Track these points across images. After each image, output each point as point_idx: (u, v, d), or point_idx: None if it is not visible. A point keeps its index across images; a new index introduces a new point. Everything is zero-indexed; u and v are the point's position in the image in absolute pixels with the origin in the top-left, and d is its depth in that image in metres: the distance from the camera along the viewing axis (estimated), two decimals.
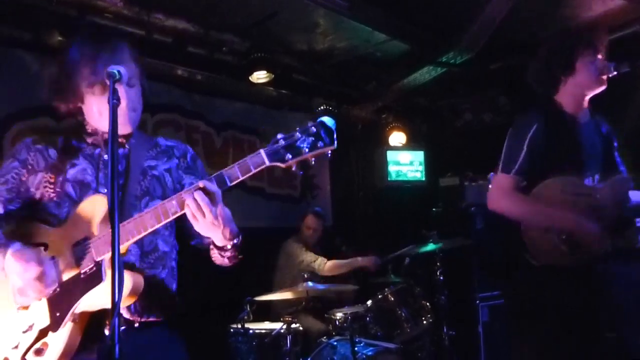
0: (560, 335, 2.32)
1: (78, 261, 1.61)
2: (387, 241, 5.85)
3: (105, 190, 1.71)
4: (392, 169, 6.12)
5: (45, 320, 1.58)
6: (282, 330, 3.51)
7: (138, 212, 1.69)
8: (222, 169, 1.59)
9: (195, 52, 4.69)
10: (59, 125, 4.14)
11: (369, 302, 3.92)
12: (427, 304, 4.01)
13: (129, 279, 1.57)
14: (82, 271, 1.59)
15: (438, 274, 4.26)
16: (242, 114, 5.56)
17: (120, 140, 1.79)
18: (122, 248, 1.59)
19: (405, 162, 6.18)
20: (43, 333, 1.57)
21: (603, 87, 2.53)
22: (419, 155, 6.24)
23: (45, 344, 1.55)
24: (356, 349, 3.41)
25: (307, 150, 1.52)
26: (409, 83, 5.48)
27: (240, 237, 1.78)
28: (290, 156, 1.52)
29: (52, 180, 1.73)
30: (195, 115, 5.16)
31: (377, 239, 6.09)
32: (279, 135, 1.55)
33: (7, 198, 1.74)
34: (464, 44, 4.74)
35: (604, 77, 2.50)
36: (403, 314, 3.88)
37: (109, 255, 1.53)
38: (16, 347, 1.58)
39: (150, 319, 1.75)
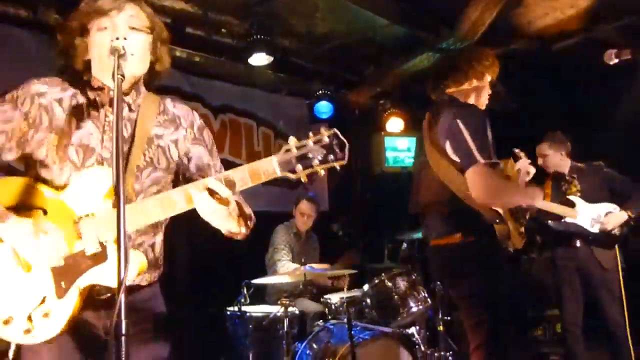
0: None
1: (82, 237, 1.57)
2: (384, 227, 5.88)
3: (108, 155, 1.67)
4: (389, 155, 6.11)
5: (49, 286, 1.57)
6: (278, 314, 3.52)
7: (139, 183, 1.67)
8: (228, 170, 1.57)
9: (193, 34, 4.65)
10: None
11: (366, 287, 3.93)
12: (424, 289, 4.03)
13: (136, 259, 1.57)
14: (87, 250, 1.57)
15: None
16: (240, 97, 5.54)
17: (126, 99, 1.74)
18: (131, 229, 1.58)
19: (402, 148, 6.18)
20: (49, 297, 1.56)
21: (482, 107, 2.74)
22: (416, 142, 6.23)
23: (51, 309, 1.55)
24: (353, 332, 3.42)
25: (318, 162, 1.51)
26: (408, 69, 5.46)
27: (252, 220, 1.79)
28: (300, 167, 1.51)
29: (55, 143, 1.65)
30: (193, 97, 5.13)
31: (374, 225, 6.11)
32: (291, 143, 1.52)
33: (4, 146, 1.65)
34: (464, 30, 4.72)
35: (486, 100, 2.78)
36: (399, 299, 3.89)
37: (112, 236, 1.53)
38: (21, 306, 1.56)
39: (141, 284, 1.74)
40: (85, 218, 1.57)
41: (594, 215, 4.00)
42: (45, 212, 1.60)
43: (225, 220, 1.61)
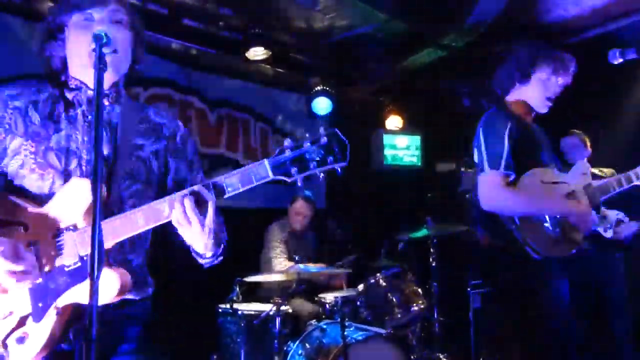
0: (559, 325, 2.38)
1: (60, 252, 1.48)
2: (381, 226, 5.81)
3: (89, 158, 1.58)
4: (388, 152, 6.04)
5: (25, 309, 1.47)
6: (271, 312, 3.46)
7: (118, 195, 1.59)
8: (221, 175, 1.48)
9: (191, 26, 4.57)
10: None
11: (361, 286, 3.88)
12: (419, 289, 3.97)
13: (117, 278, 1.45)
14: (67, 265, 1.47)
15: (431, 259, 4.21)
16: (238, 92, 5.46)
17: (105, 101, 1.64)
18: (108, 244, 1.48)
19: (401, 146, 6.11)
20: (24, 321, 1.46)
21: (544, 111, 2.66)
22: (415, 140, 6.17)
23: (26, 333, 1.45)
24: (346, 333, 3.37)
25: (315, 165, 1.43)
26: (408, 65, 5.39)
27: (223, 247, 1.69)
28: (296, 170, 1.43)
29: (32, 150, 1.55)
30: (189, 91, 5.05)
31: (371, 224, 6.04)
32: (286, 144, 1.45)
33: None
34: (466, 26, 4.65)
35: (550, 101, 2.63)
36: (394, 299, 3.83)
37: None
38: None
39: (127, 297, 1.61)
40: (66, 232, 1.48)
41: (609, 222, 3.96)
42: (26, 228, 1.50)
43: (196, 236, 1.50)
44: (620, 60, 2.64)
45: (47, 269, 1.48)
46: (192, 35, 4.67)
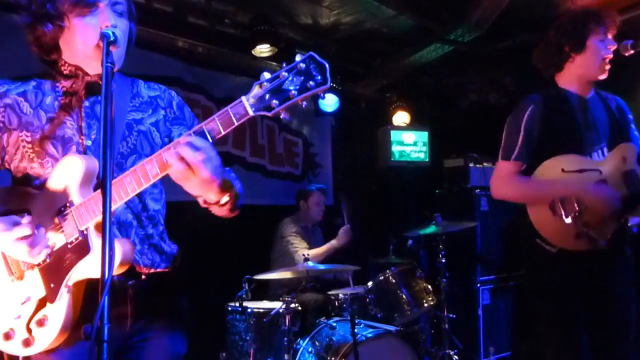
0: (574, 320, 2.32)
1: (63, 230, 1.50)
2: (390, 222, 5.79)
3: (89, 143, 1.58)
4: (395, 149, 6.01)
5: (41, 291, 1.51)
6: (280, 310, 3.45)
7: (124, 171, 1.55)
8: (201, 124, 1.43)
9: (196, 23, 4.56)
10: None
11: (370, 283, 3.86)
12: (429, 286, 3.95)
13: (119, 248, 1.43)
14: (69, 241, 1.49)
15: (440, 256, 4.19)
16: (244, 89, 5.37)
17: (95, 80, 1.63)
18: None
19: (409, 142, 6.07)
20: (42, 303, 1.50)
21: (604, 75, 2.49)
22: (423, 136, 6.13)
23: (46, 316, 1.49)
24: (356, 330, 3.35)
25: (296, 92, 1.34)
26: (415, 60, 5.35)
27: (238, 185, 1.69)
28: (277, 102, 1.34)
29: (29, 139, 1.57)
30: (195, 88, 5.04)
31: (379, 220, 6.02)
32: (262, 77, 1.37)
33: None
34: (473, 21, 4.61)
35: (607, 64, 2.46)
36: (404, 296, 3.82)
37: (92, 223, 1.46)
38: (18, 317, 1.52)
39: (158, 270, 1.67)
40: (64, 209, 1.50)
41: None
42: (29, 212, 1.54)
43: (203, 186, 1.43)
44: (632, 52, 2.60)
45: (54, 247, 1.51)
46: (198, 33, 4.65)
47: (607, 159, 2.39)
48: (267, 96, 1.35)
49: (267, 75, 1.37)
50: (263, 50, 4.70)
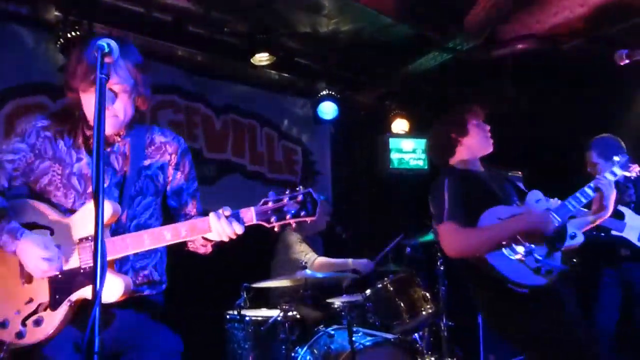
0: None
1: (80, 256, 1.81)
2: (388, 230, 5.78)
3: (105, 185, 1.92)
4: (394, 156, 6.02)
5: (45, 297, 1.80)
6: (278, 318, 3.45)
7: (132, 210, 1.96)
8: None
9: (195, 32, 4.59)
10: (55, 104, 4.09)
11: (368, 291, 3.85)
12: (427, 294, 3.94)
13: (121, 283, 1.78)
14: (83, 267, 1.80)
15: (439, 263, 4.19)
16: (243, 98, 5.47)
17: (116, 136, 1.98)
18: (118, 256, 1.82)
19: (407, 150, 6.09)
20: (42, 307, 1.80)
21: (491, 149, 2.84)
22: (421, 143, 6.15)
23: (42, 317, 1.78)
24: (354, 338, 3.35)
25: (290, 216, 1.75)
26: (414, 69, 5.38)
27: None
28: (275, 219, 1.76)
29: (59, 172, 1.91)
30: (195, 97, 5.07)
31: (378, 228, 6.02)
32: (269, 196, 1.78)
33: (12, 175, 1.92)
34: (471, 30, 4.63)
35: (490, 139, 2.84)
36: (402, 304, 3.80)
37: (107, 258, 1.73)
38: (18, 312, 1.80)
39: (144, 294, 1.99)
40: (84, 240, 1.82)
41: None
42: (52, 232, 1.86)
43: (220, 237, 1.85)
44: (627, 61, 2.63)
45: (66, 267, 1.81)
46: (197, 42, 4.69)
47: (525, 205, 2.66)
48: (270, 213, 1.77)
49: (273, 194, 1.79)
50: (262, 58, 4.74)
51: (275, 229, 1.78)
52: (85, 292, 1.78)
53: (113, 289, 1.77)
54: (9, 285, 1.84)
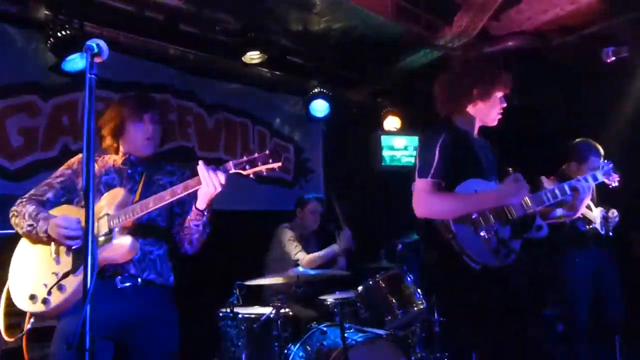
0: (498, 331, 2.50)
1: (99, 226, 2.28)
2: (380, 227, 5.81)
3: (128, 188, 2.48)
4: (386, 153, 6.05)
5: (68, 267, 2.21)
6: (271, 315, 3.47)
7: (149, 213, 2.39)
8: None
9: (187, 31, 4.58)
10: (45, 104, 4.08)
11: (360, 288, 3.88)
12: (419, 290, 3.97)
13: (128, 242, 2.25)
14: (101, 233, 2.26)
15: None
16: (235, 95, 5.47)
17: (138, 159, 2.59)
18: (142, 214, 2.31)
19: (399, 147, 6.12)
20: (65, 276, 2.20)
21: (495, 124, 2.77)
22: (413, 141, 6.17)
23: (65, 284, 2.18)
24: (346, 334, 3.37)
25: (260, 164, 2.16)
26: (406, 66, 5.40)
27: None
28: (249, 167, 2.18)
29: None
30: (187, 95, 5.07)
31: (370, 225, 6.04)
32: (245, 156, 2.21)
33: (60, 192, 2.46)
34: (462, 27, 4.66)
35: (499, 114, 2.75)
36: (394, 300, 3.83)
37: (119, 225, 2.28)
38: (45, 285, 2.22)
39: (150, 277, 2.39)
40: (102, 215, 2.30)
41: (600, 219, 4.13)
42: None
43: (208, 195, 2.33)
44: (613, 58, 2.66)
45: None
46: (189, 40, 4.68)
47: (505, 184, 2.62)
48: (243, 163, 2.20)
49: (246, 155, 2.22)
50: (254, 57, 4.74)
51: (251, 176, 2.19)
52: (102, 257, 2.22)
53: (121, 245, 2.24)
54: (41, 267, 2.28)
